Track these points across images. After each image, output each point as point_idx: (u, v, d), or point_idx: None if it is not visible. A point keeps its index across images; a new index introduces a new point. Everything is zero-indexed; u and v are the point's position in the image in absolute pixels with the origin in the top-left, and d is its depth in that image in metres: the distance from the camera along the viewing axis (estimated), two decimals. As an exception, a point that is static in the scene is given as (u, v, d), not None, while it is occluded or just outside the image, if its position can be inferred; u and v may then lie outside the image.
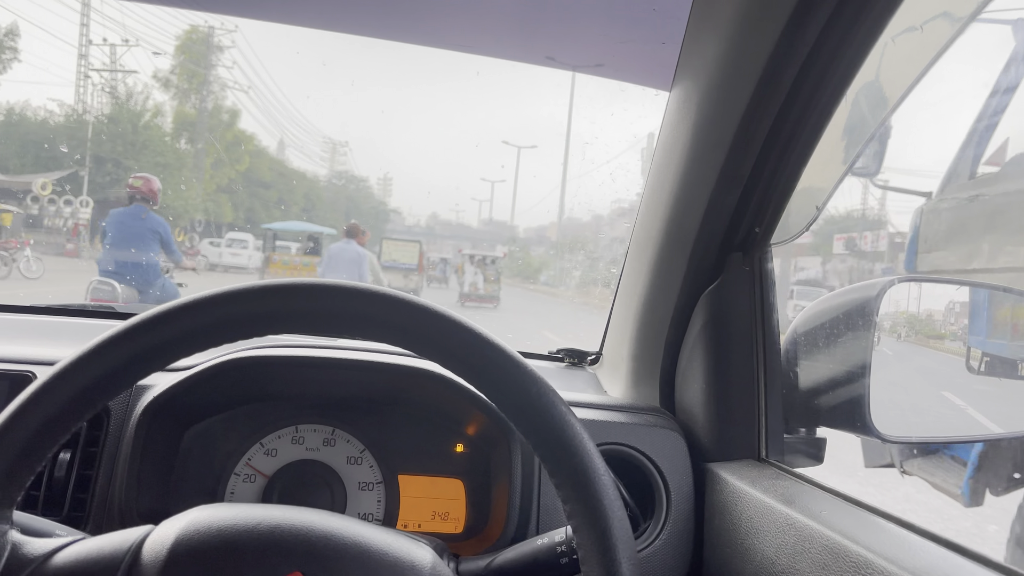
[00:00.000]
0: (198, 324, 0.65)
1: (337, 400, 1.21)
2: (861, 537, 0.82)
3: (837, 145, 1.00)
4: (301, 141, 25.93)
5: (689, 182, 1.14)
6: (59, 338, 1.42)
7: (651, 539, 1.15)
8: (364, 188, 32.26)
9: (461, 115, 46.32)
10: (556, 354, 1.71)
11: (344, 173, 29.93)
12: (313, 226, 18.38)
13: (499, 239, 31.33)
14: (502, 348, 0.67)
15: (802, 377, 1.21)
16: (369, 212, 30.06)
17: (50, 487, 1.04)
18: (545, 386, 0.67)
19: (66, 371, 0.63)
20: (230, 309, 0.65)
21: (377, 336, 0.66)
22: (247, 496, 1.15)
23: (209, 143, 21.29)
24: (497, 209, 36.23)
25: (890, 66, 0.90)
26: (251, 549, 0.63)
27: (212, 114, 21.85)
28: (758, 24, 0.92)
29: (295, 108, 26.31)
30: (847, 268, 15.16)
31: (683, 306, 1.25)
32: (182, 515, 0.67)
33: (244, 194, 22.19)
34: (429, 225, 32.31)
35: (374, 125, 48.23)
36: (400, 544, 0.67)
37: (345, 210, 28.44)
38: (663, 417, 1.27)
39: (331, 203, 28.81)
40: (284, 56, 37.28)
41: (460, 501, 1.20)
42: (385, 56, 33.10)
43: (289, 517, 0.66)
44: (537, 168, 52.38)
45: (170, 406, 1.09)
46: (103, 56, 20.97)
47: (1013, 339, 0.94)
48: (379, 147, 60.11)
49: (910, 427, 1.10)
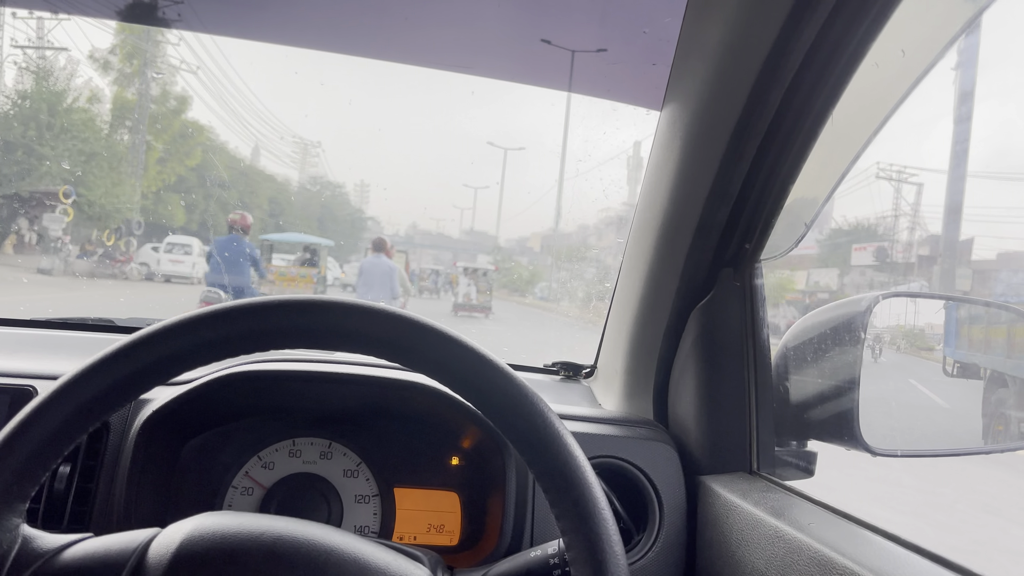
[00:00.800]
0: (199, 340, 0.66)
1: (334, 414, 1.22)
2: (848, 549, 0.84)
3: (824, 163, 1.02)
4: (267, 139, 22.65)
5: (680, 199, 1.16)
6: (59, 352, 1.43)
7: (644, 551, 1.16)
8: (340, 195, 29.74)
9: (444, 118, 43.72)
10: (551, 367, 1.73)
11: (319, 178, 27.32)
12: (311, 237, 17.70)
13: (481, 249, 30.02)
14: (494, 362, 0.68)
15: (792, 391, 1.22)
16: (345, 220, 28.49)
17: (51, 500, 1.06)
18: (536, 400, 0.68)
19: (67, 386, 0.64)
20: (231, 325, 0.66)
21: (372, 351, 0.68)
22: (244, 509, 1.16)
23: (156, 133, 17.56)
24: (480, 217, 33.49)
25: (875, 87, 0.92)
26: (253, 558, 0.64)
27: (158, 101, 18.07)
28: (745, 46, 0.94)
29: (260, 103, 22.45)
30: (867, 282, 14.39)
31: (675, 321, 1.26)
32: (189, 520, 0.69)
33: (200, 194, 19.21)
34: (408, 235, 30.56)
35: (350, 128, 44.08)
36: (399, 563, 0.69)
37: (319, 217, 26.44)
38: (656, 430, 1.28)
39: (302, 208, 26.33)
40: (248, 50, 32.00)
41: (455, 514, 1.21)
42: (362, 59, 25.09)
43: (292, 529, 0.67)
44: (523, 176, 50.34)
45: (169, 419, 1.10)
46: (31, 32, 16.35)
47: (970, 349, 1.05)
48: (355, 151, 55.40)
49: (898, 441, 1.12)
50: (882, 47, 0.85)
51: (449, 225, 34.72)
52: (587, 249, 20.64)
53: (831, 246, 9.71)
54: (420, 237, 31.87)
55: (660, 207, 1.22)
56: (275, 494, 1.16)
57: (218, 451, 1.17)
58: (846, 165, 1.02)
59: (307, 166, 24.51)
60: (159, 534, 0.67)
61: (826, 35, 0.87)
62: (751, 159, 1.04)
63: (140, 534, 0.67)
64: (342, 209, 28.74)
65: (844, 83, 0.91)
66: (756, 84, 0.95)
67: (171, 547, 0.64)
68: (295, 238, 17.76)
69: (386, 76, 25.86)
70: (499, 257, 26.92)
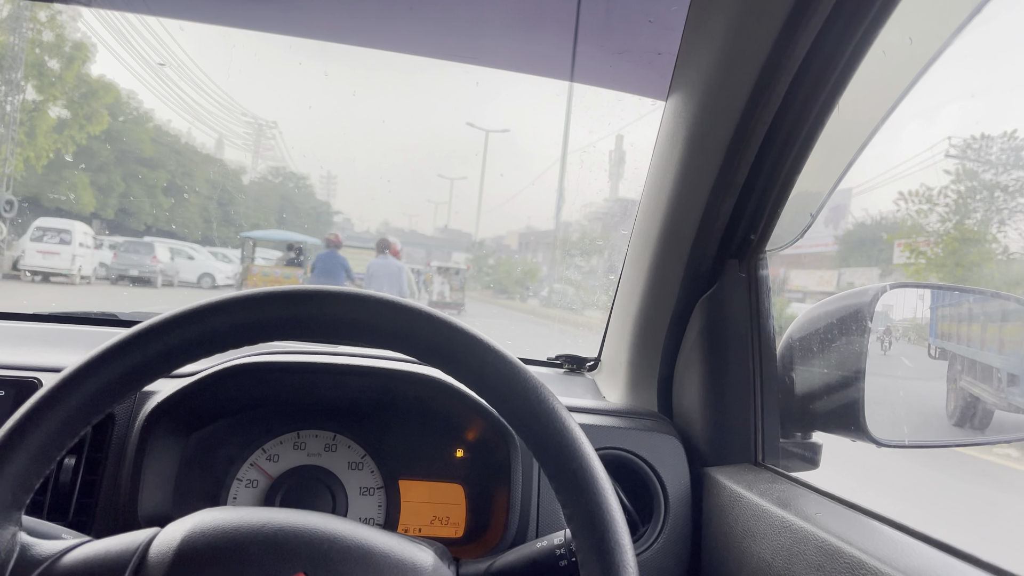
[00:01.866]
0: (203, 331, 0.66)
1: (339, 406, 1.22)
2: (855, 539, 0.84)
3: (831, 154, 1.02)
4: (210, 114, 17.46)
5: (685, 190, 1.16)
6: (63, 345, 1.43)
7: (649, 542, 1.16)
8: (304, 187, 25.82)
9: (420, 104, 39.76)
10: (555, 360, 1.73)
11: (280, 170, 23.60)
12: (296, 235, 16.40)
13: (457, 247, 27.87)
14: (502, 353, 0.68)
15: (798, 382, 1.22)
16: (308, 213, 24.82)
17: (56, 492, 1.06)
18: (544, 391, 0.68)
19: (72, 378, 0.64)
20: (236, 316, 0.66)
21: (379, 343, 0.68)
22: (249, 501, 1.16)
23: (44, 87, 13.14)
24: (457, 213, 30.96)
25: (882, 75, 0.92)
26: (256, 551, 0.64)
27: (48, 48, 13.25)
28: (752, 35, 0.93)
29: (199, 70, 17.78)
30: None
31: (680, 312, 1.26)
32: (188, 517, 0.68)
33: (117, 174, 15.14)
34: (381, 231, 27.43)
35: (315, 116, 39.08)
36: (402, 547, 0.69)
37: (279, 208, 22.96)
38: (661, 422, 1.28)
39: (259, 199, 22.71)
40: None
41: (460, 506, 1.21)
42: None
43: (293, 520, 0.67)
44: (506, 164, 47.54)
45: (173, 411, 1.10)
46: None
47: (940, 337, 1.16)
48: (320, 139, 50.21)
49: (904, 431, 1.12)
50: (889, 35, 0.84)
51: (424, 221, 33.19)
52: (591, 242, 19.24)
53: (859, 241, 8.79)
54: (393, 235, 29.97)
55: (665, 198, 1.22)
56: (280, 486, 1.16)
57: (223, 443, 1.17)
58: (852, 155, 1.02)
59: (262, 149, 20.66)
60: (159, 533, 0.67)
61: (833, 23, 0.87)
62: (757, 149, 1.03)
63: (140, 534, 0.67)
64: (306, 202, 25.32)
65: (851, 72, 0.91)
66: (762, 74, 0.94)
67: (172, 545, 0.64)
68: (278, 235, 16.73)
69: (360, 60, 21.56)
70: (481, 253, 25.45)
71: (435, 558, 0.71)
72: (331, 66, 25.01)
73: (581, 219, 19.97)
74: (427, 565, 0.68)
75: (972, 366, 1.25)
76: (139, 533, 0.67)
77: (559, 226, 21.44)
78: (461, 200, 30.50)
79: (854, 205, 8.45)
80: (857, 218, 8.93)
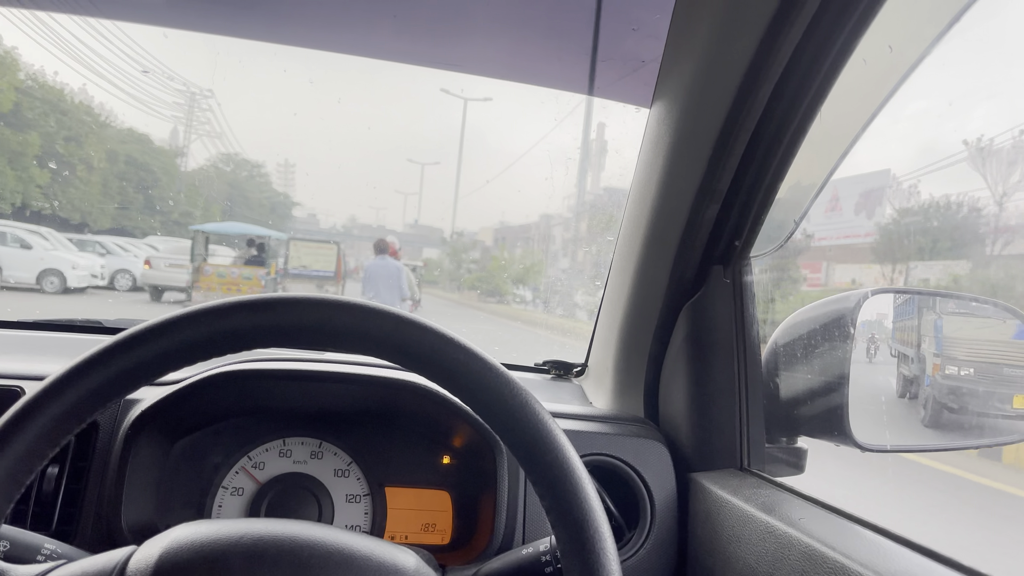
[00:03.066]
0: (186, 338, 0.65)
1: (324, 413, 1.22)
2: (838, 543, 0.84)
3: (813, 161, 1.03)
4: (129, 78, 12.51)
5: (670, 197, 1.17)
6: (47, 353, 1.42)
7: (635, 548, 1.16)
8: (260, 176, 21.55)
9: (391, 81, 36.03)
10: (542, 366, 1.73)
11: (232, 157, 19.46)
12: (258, 228, 14.13)
13: (428, 242, 25.13)
14: (485, 359, 0.68)
15: (783, 388, 1.23)
16: (262, 205, 20.89)
17: (39, 501, 1.05)
18: (527, 396, 0.68)
19: (55, 385, 0.63)
20: (218, 323, 0.66)
21: (363, 349, 0.67)
22: (235, 509, 1.15)
23: None
24: (428, 204, 27.23)
25: (863, 83, 0.93)
26: (237, 562, 0.63)
27: None
28: (734, 43, 0.94)
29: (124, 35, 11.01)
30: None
31: (665, 318, 1.27)
32: (165, 533, 0.67)
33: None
34: (347, 227, 25.16)
35: (268, 97, 34.05)
36: (384, 550, 0.68)
37: (228, 196, 19.37)
38: (647, 428, 1.29)
39: (198, 185, 18.58)
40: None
41: (447, 513, 1.21)
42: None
43: (272, 529, 0.67)
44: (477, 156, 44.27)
45: (158, 419, 1.09)
46: None
47: (896, 341, 1.25)
48: (273, 121, 45.16)
49: (887, 436, 1.13)
50: (869, 43, 0.85)
51: (392, 215, 31.12)
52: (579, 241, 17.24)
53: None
54: (360, 230, 26.05)
55: (649, 204, 1.22)
56: (265, 494, 1.15)
57: (208, 451, 1.17)
58: (835, 161, 1.03)
59: (195, 123, 16.19)
60: (136, 551, 0.66)
61: (814, 31, 0.88)
62: (740, 156, 1.04)
63: (116, 554, 0.66)
64: (259, 192, 21.44)
65: (832, 79, 0.92)
66: (744, 81, 0.95)
67: (150, 563, 0.63)
68: (236, 229, 14.58)
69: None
70: (459, 245, 22.40)
71: (418, 560, 0.70)
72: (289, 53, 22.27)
73: (559, 214, 18.83)
74: (409, 568, 0.68)
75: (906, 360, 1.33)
76: (115, 552, 0.67)
77: (542, 220, 19.80)
78: (433, 190, 28.38)
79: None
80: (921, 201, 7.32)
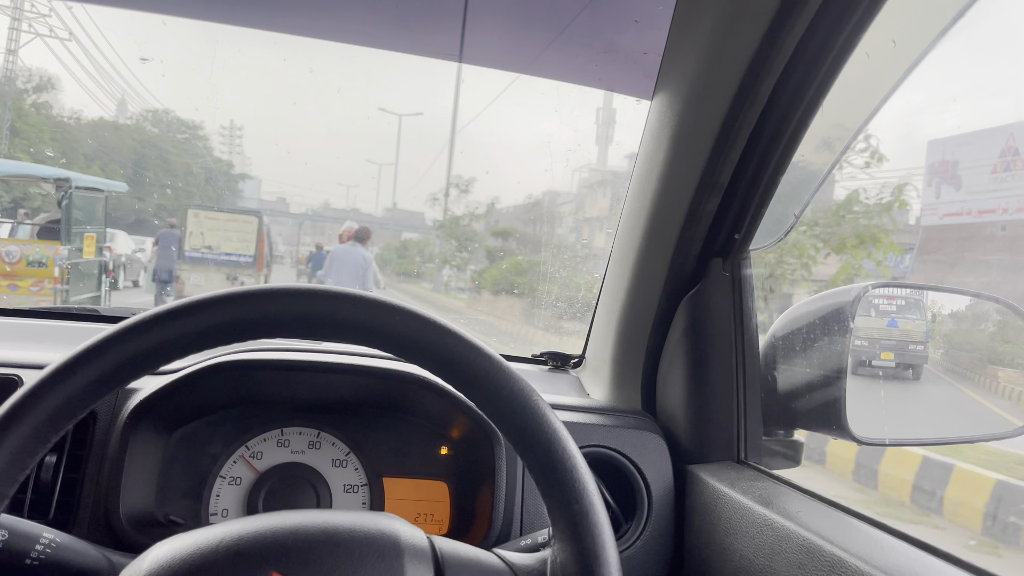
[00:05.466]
0: (188, 329, 0.65)
1: (322, 403, 1.21)
2: (835, 537, 0.85)
3: (815, 154, 1.03)
4: None
5: (670, 189, 1.16)
6: (44, 342, 1.42)
7: (632, 540, 1.17)
8: (199, 139, 16.76)
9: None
10: (540, 357, 1.73)
11: (161, 116, 15.67)
12: (53, 170, 8.42)
13: (407, 226, 21.86)
14: (482, 348, 0.68)
15: (780, 381, 1.23)
16: (190, 174, 15.57)
17: (37, 490, 1.05)
18: (524, 386, 0.68)
19: (55, 375, 0.63)
20: (218, 314, 0.65)
21: (359, 340, 0.67)
22: (232, 499, 1.15)
23: None
24: (403, 180, 23.56)
25: (866, 76, 0.93)
26: (223, 566, 0.62)
27: None
28: (737, 36, 0.94)
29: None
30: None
31: (664, 310, 1.27)
32: (143, 556, 0.66)
33: None
34: (276, 206, 20.52)
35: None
36: (367, 520, 0.68)
37: (135, 154, 14.53)
38: (644, 420, 1.29)
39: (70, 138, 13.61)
40: None
41: (444, 503, 1.21)
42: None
43: (250, 526, 0.66)
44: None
45: (156, 409, 1.09)
46: None
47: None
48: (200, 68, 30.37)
49: (885, 429, 1.14)
50: (873, 37, 0.85)
51: (366, 191, 29.16)
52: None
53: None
54: (333, 214, 22.42)
55: (649, 196, 1.22)
56: (263, 484, 1.15)
57: (206, 441, 1.17)
58: (836, 155, 1.03)
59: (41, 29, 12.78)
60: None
61: (817, 25, 0.88)
62: (741, 149, 1.04)
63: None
64: (180, 157, 16.27)
65: (835, 73, 0.92)
66: (747, 74, 0.95)
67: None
68: (18, 168, 9.16)
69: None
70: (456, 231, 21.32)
71: (402, 520, 0.70)
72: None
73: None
74: (395, 529, 0.67)
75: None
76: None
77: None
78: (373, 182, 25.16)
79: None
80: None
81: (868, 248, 4.67)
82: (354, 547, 0.64)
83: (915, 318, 1.26)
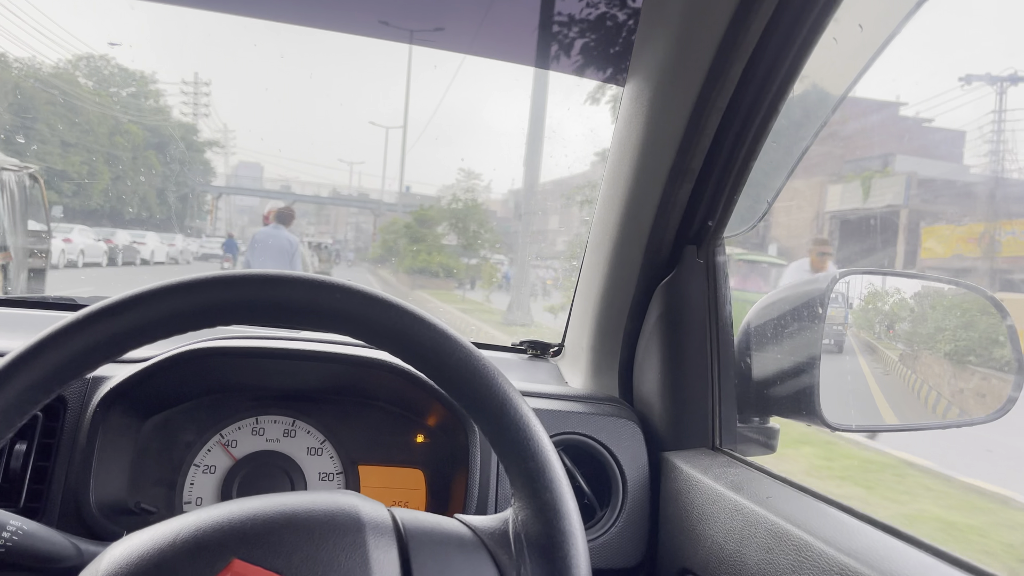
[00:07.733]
0: (152, 314, 0.65)
1: (297, 391, 1.21)
2: (803, 521, 0.85)
3: (785, 142, 1.03)
4: None
5: (643, 176, 1.16)
6: (17, 329, 1.41)
7: (607, 526, 1.17)
8: (149, 95, 13.67)
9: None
10: (519, 346, 1.73)
11: (97, 66, 12.63)
12: None
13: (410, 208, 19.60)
14: (452, 335, 0.67)
15: (755, 368, 1.23)
16: (133, 135, 12.36)
17: (7, 478, 1.04)
18: (494, 373, 0.67)
19: (18, 360, 0.63)
20: (184, 300, 0.65)
21: (300, 323, 0.67)
22: (207, 487, 1.15)
23: None
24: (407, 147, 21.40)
25: (833, 63, 0.93)
26: (182, 559, 0.61)
27: None
28: (705, 19, 0.94)
29: None
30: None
31: (640, 298, 1.27)
32: (99, 557, 0.64)
33: None
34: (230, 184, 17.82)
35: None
36: (324, 498, 0.67)
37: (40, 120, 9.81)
38: (621, 407, 1.29)
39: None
40: None
41: (420, 491, 1.21)
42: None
43: (207, 516, 0.65)
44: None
45: (128, 396, 1.09)
46: None
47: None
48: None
49: (856, 416, 1.15)
50: (840, 22, 0.85)
51: (369, 167, 27.42)
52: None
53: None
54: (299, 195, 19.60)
55: (624, 183, 1.22)
56: (237, 472, 1.15)
57: (180, 429, 1.16)
58: (807, 142, 1.03)
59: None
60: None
61: (784, 9, 0.88)
62: (712, 135, 1.04)
63: None
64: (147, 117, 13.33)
65: (803, 58, 0.92)
66: (716, 58, 0.95)
67: None
68: None
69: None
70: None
71: (360, 496, 0.69)
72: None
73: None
74: (354, 505, 0.67)
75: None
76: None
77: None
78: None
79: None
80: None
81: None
82: (314, 525, 0.63)
83: (838, 305, 1.33)
